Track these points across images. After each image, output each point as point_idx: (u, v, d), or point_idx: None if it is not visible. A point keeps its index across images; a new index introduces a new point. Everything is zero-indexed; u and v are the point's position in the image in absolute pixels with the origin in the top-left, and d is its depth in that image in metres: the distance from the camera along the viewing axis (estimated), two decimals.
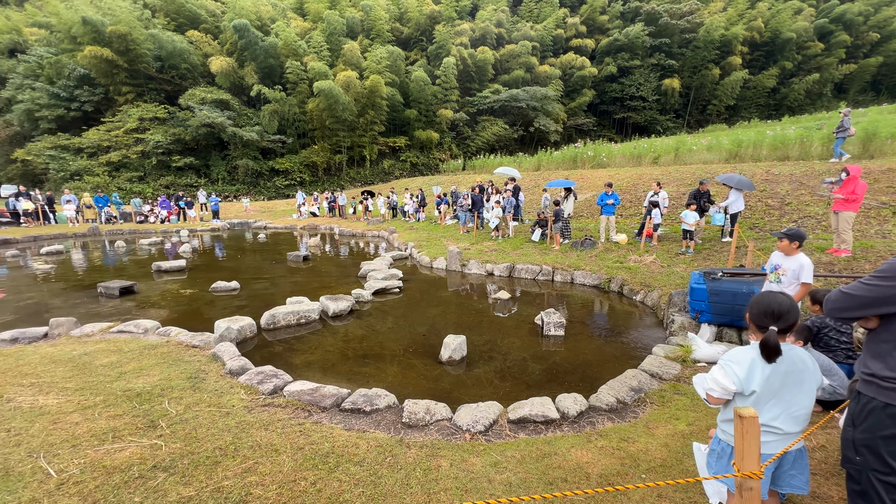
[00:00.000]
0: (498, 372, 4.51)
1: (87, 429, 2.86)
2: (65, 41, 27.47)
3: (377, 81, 29.12)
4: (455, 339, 4.76)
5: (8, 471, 2.37)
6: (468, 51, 36.02)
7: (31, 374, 3.78)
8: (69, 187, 23.24)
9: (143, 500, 2.20)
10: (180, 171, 27.43)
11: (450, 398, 3.74)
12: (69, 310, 6.60)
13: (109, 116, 27.09)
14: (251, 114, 29.41)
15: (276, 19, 31.34)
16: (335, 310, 6.28)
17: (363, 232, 16.38)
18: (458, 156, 35.16)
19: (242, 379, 3.86)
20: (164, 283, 8.49)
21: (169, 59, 28.01)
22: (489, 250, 10.67)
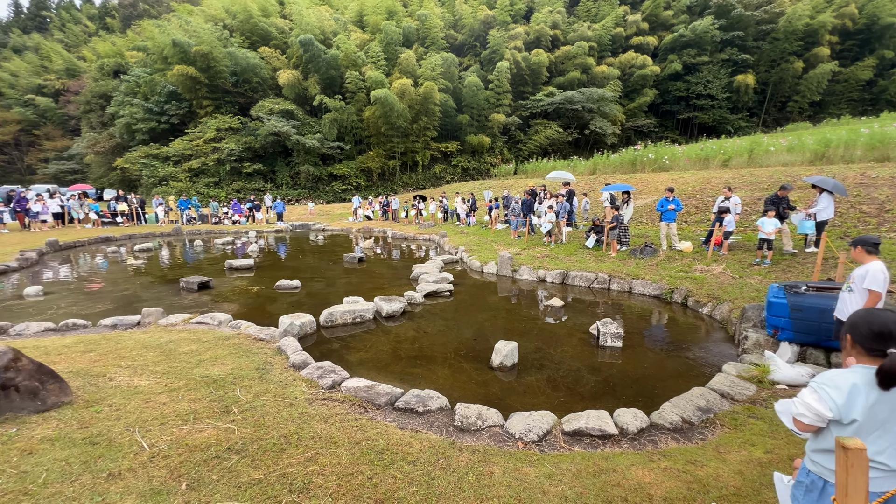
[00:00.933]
0: (550, 381, 4.40)
1: (172, 409, 3.17)
2: (158, 62, 30.87)
3: (431, 88, 29.70)
4: (506, 346, 4.71)
5: (111, 441, 2.69)
6: (522, 54, 35.68)
7: (127, 356, 4.27)
8: (157, 192, 26.00)
9: (220, 479, 2.40)
10: (250, 176, 29.67)
11: (501, 405, 3.71)
12: (156, 301, 7.36)
13: (192, 128, 29.98)
14: (313, 122, 31.18)
15: (337, 32, 33.03)
16: (388, 310, 6.46)
17: (415, 235, 16.72)
18: (509, 160, 34.86)
19: (304, 372, 4.08)
20: (235, 280, 9.21)
21: (243, 73, 30.49)
22: (541, 256, 10.45)
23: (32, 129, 42.32)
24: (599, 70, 37.44)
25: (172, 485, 2.33)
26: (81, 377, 3.64)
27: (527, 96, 36.74)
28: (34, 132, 42.27)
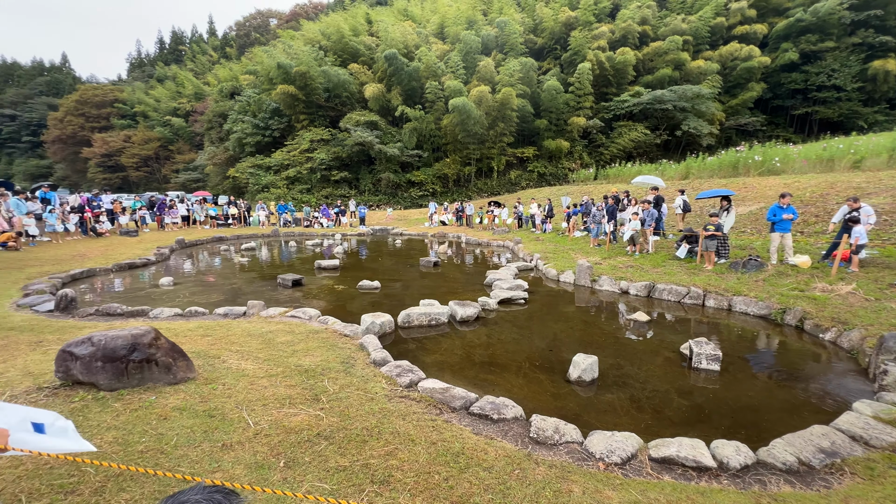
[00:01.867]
0: (634, 401, 4.10)
1: (272, 393, 3.54)
2: (265, 83, 34.88)
3: (509, 94, 29.60)
4: (586, 359, 4.49)
5: (224, 416, 3.08)
6: (606, 54, 34.00)
7: (236, 342, 4.85)
8: (260, 197, 29.24)
9: (311, 461, 2.62)
10: (337, 183, 32.07)
11: (579, 421, 3.54)
12: (258, 294, 8.26)
13: (290, 140, 33.30)
14: (394, 132, 32.81)
15: (419, 45, 34.45)
16: (463, 315, 6.53)
17: (488, 241, 16.72)
18: (589, 165, 33.31)
19: (383, 369, 4.29)
20: (323, 279, 10.00)
21: (334, 89, 33.17)
22: (624, 266, 9.81)
23: (168, 145, 50.29)
24: (695, 65, 34.28)
25: (272, 461, 2.60)
26: (202, 357, 4.22)
27: (610, 98, 34.87)
28: (169, 147, 50.18)
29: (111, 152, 50.72)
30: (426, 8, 42.30)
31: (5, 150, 66.94)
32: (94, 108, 56.47)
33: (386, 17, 38.87)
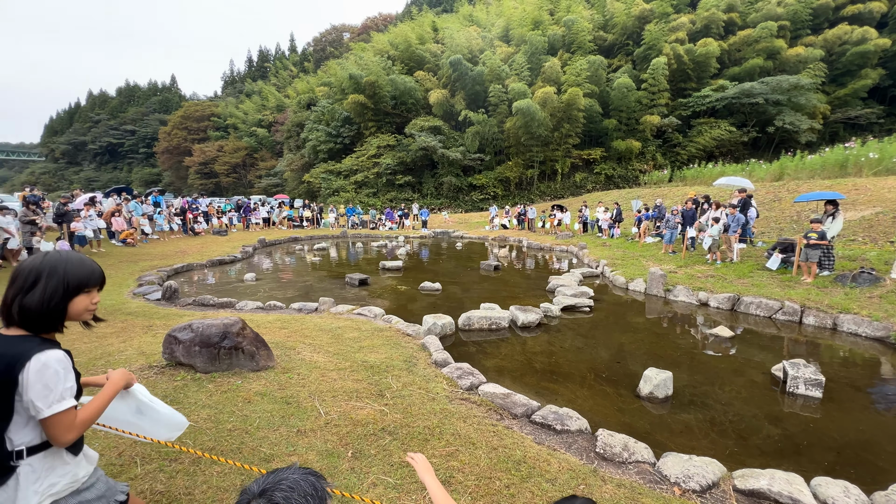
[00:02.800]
0: (714, 424, 3.74)
1: (341, 385, 3.74)
2: (337, 93, 37.16)
3: (575, 94, 28.63)
4: (659, 374, 4.19)
5: (299, 404, 3.32)
6: (684, 46, 31.58)
7: (309, 336, 5.20)
8: (331, 201, 31.13)
9: (377, 454, 2.73)
10: (401, 187, 33.18)
11: (650, 440, 3.31)
12: (328, 291, 8.79)
13: (359, 146, 35.11)
14: (457, 136, 33.21)
15: (483, 49, 34.59)
16: (524, 321, 6.41)
17: (551, 246, 16.25)
18: (663, 166, 31.10)
19: (444, 371, 4.35)
20: (387, 279, 10.38)
21: (401, 97, 34.41)
22: (703, 276, 9.01)
23: (253, 153, 55.46)
24: (792, 53, 30.65)
25: (341, 450, 2.75)
26: (279, 348, 4.58)
27: (689, 93, 32.32)
28: (254, 155, 55.32)
29: (207, 160, 57.14)
30: (491, 12, 42.38)
31: (126, 159, 78.24)
32: (195, 122, 64.01)
33: (451, 24, 39.56)
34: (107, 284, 6.12)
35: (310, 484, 0.84)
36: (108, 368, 3.76)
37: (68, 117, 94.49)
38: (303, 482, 0.84)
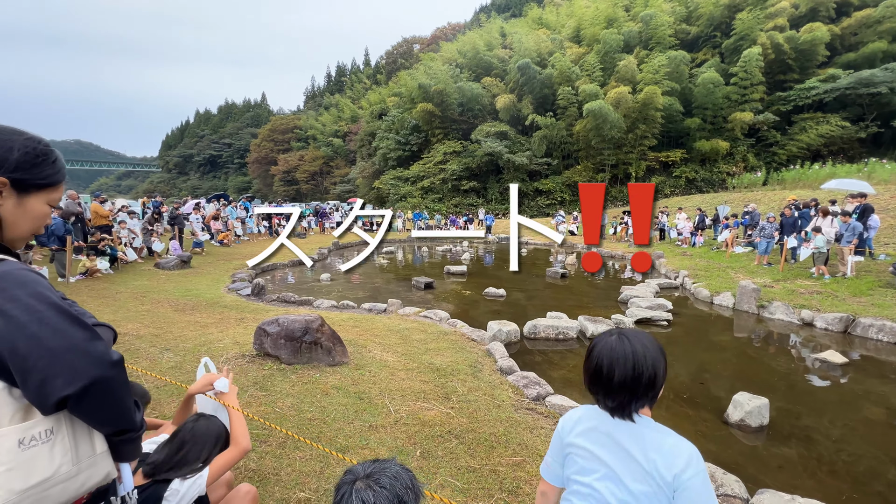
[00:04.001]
0: (822, 462, 3.28)
1: (409, 385, 3.87)
2: (407, 103, 38.56)
3: (652, 93, 26.86)
4: (752, 400, 3.77)
5: (371, 400, 3.49)
6: (784, 34, 28.23)
7: (378, 335, 5.44)
8: (399, 206, 32.29)
9: (444, 456, 2.78)
10: (466, 192, 33.47)
11: (742, 473, 2.98)
12: (395, 294, 9.12)
13: (426, 153, 36.08)
14: (523, 140, 32.77)
15: (553, 52, 33.80)
16: (593, 332, 6.13)
17: (623, 254, 15.35)
18: (756, 167, 27.97)
19: (510, 378, 4.30)
20: (451, 283, 10.52)
21: (468, 103, 34.81)
22: (807, 292, 7.94)
23: (329, 162, 59.47)
24: None
25: (410, 449, 2.84)
26: (352, 346, 4.85)
27: (789, 86, 28.83)
28: (330, 164, 59.29)
29: (289, 169, 62.39)
30: (561, 13, 41.35)
31: (223, 169, 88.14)
32: (280, 134, 70.27)
33: (520, 28, 39.24)
34: (207, 280, 6.89)
35: (410, 478, 0.90)
36: (210, 354, 4.26)
37: (180, 133, 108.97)
38: (404, 475, 0.89)
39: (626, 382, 1.07)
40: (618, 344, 1.11)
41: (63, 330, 0.86)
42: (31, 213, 0.97)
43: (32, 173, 0.95)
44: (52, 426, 0.90)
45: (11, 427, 0.85)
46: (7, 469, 0.83)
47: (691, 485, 1.01)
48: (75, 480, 0.92)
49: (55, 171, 1.00)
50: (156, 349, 4.46)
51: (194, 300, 7.30)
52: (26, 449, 0.85)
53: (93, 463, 0.95)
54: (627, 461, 1.07)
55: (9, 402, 0.86)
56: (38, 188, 0.97)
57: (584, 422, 1.19)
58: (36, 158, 0.95)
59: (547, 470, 1.27)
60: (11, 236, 0.97)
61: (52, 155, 0.99)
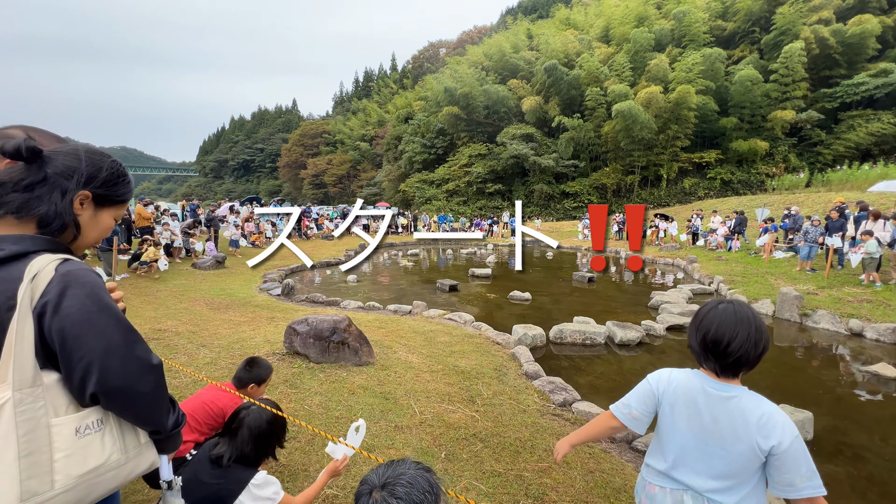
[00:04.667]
0: (873, 482, 3.07)
1: (433, 387, 3.88)
2: (433, 106, 38.87)
3: (686, 92, 25.99)
4: (794, 413, 3.56)
5: (396, 400, 3.53)
6: (830, 27, 26.74)
7: (403, 337, 5.49)
8: (424, 209, 32.51)
9: (468, 459, 2.77)
10: (491, 195, 33.36)
11: None
12: (420, 296, 9.17)
13: (451, 156, 36.21)
14: (550, 142, 32.37)
15: (581, 52, 33.28)
16: (623, 338, 5.97)
17: (654, 258, 14.89)
18: (798, 168, 26.58)
19: (535, 383, 4.25)
20: (476, 286, 10.49)
21: (493, 106, 34.73)
22: (855, 300, 7.46)
23: (357, 165, 60.60)
24: None
25: (435, 451, 2.85)
26: (378, 346, 4.91)
27: (835, 81, 27.27)
28: (357, 167, 60.41)
29: (318, 173, 63.96)
30: (590, 13, 40.68)
31: (256, 173, 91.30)
32: (310, 138, 72.18)
33: (547, 30, 38.89)
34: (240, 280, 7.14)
35: (426, 480, 0.88)
36: (243, 352, 4.42)
37: (216, 139, 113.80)
38: (420, 479, 0.88)
39: (745, 346, 1.20)
40: (739, 309, 1.24)
41: (106, 332, 0.93)
42: (100, 224, 1.09)
43: (112, 191, 1.07)
44: (101, 417, 0.95)
45: (68, 416, 0.90)
46: (66, 455, 0.88)
47: (789, 445, 1.15)
48: (125, 468, 0.98)
49: (128, 191, 1.12)
50: (193, 345, 4.67)
51: (228, 299, 7.59)
52: (82, 437, 0.91)
53: (139, 452, 1.01)
54: (720, 420, 1.22)
55: (63, 393, 0.92)
56: (112, 203, 1.09)
57: (682, 383, 1.33)
58: (118, 178, 1.08)
59: (625, 413, 1.43)
60: (82, 243, 1.06)
61: (128, 176, 1.12)
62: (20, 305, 0.87)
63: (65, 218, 0.99)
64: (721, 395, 1.24)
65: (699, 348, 1.29)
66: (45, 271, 0.90)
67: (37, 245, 0.94)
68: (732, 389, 1.24)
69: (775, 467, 1.18)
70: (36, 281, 0.89)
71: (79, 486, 0.89)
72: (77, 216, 1.01)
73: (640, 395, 1.41)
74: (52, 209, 0.96)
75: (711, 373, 1.28)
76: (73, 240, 1.03)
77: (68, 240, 1.02)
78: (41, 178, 0.96)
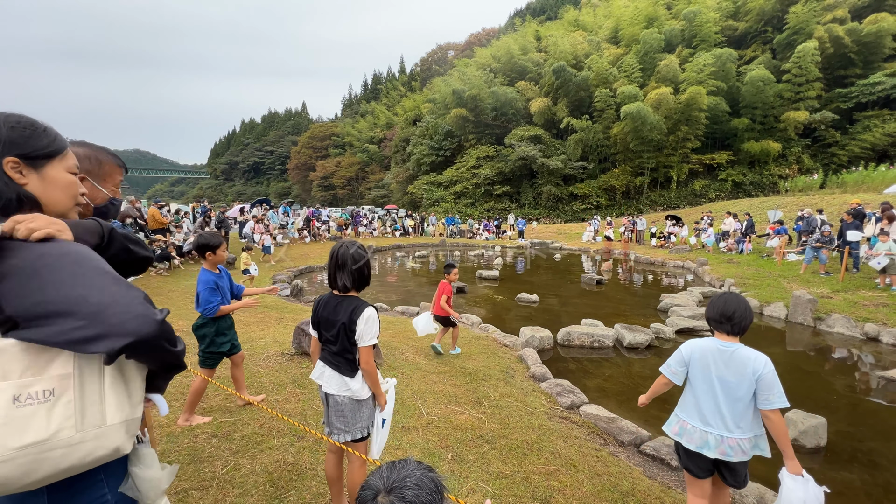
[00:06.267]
0: (889, 491, 3.00)
1: (440, 389, 3.89)
2: (441, 109, 38.95)
3: (696, 93, 25.73)
4: (807, 419, 3.51)
5: (403, 401, 3.54)
6: (845, 26, 26.29)
7: (411, 338, 5.51)
8: (432, 210, 32.58)
9: (475, 461, 2.77)
10: (499, 197, 33.31)
11: None
12: (427, 297, 9.15)
13: (459, 158, 36.24)
14: (558, 144, 32.24)
15: (589, 53, 33.13)
16: (631, 341, 5.92)
17: (663, 261, 14.74)
18: (812, 170, 26.14)
19: (543, 385, 4.23)
20: (483, 288, 10.48)
21: (501, 108, 34.71)
22: (871, 304, 7.31)
23: (365, 167, 60.99)
24: None
25: (441, 452, 2.85)
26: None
27: (850, 81, 26.81)
28: (366, 169, 60.79)
29: (327, 175, 64.47)
30: (598, 14, 40.51)
31: (266, 175, 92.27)
32: (319, 141, 72.82)
33: (555, 31, 38.77)
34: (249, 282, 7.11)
35: (431, 480, 0.87)
36: (252, 352, 4.48)
37: (226, 142, 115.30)
38: (426, 479, 0.86)
39: (744, 315, 1.99)
40: (738, 296, 2.06)
41: (107, 288, 0.88)
42: (56, 183, 1.00)
43: (32, 146, 0.96)
44: (53, 387, 0.85)
45: (9, 382, 0.82)
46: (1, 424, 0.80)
47: (765, 375, 1.88)
48: (78, 448, 0.86)
49: (50, 139, 1.00)
50: None
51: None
52: (21, 406, 0.82)
53: (100, 434, 0.89)
54: (728, 364, 1.97)
55: (20, 359, 0.84)
56: (46, 158, 0.98)
57: (702, 346, 2.06)
58: (26, 131, 0.96)
59: (670, 371, 2.15)
60: (55, 210, 1.00)
61: (37, 124, 0.99)
62: None
63: (6, 194, 0.92)
64: (728, 349, 1.98)
65: (718, 317, 2.02)
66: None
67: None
68: (734, 346, 1.98)
69: (760, 388, 1.89)
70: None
71: (17, 460, 0.80)
72: (24, 186, 0.94)
73: (676, 358, 2.14)
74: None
75: (723, 335, 2.02)
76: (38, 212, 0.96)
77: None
78: None
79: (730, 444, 1.93)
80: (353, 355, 1.96)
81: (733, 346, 1.97)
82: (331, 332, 1.97)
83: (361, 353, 1.94)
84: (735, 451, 1.92)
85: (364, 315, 1.92)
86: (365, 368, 1.96)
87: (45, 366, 0.86)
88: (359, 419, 1.99)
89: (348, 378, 1.95)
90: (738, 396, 1.91)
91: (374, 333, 1.96)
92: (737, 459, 1.94)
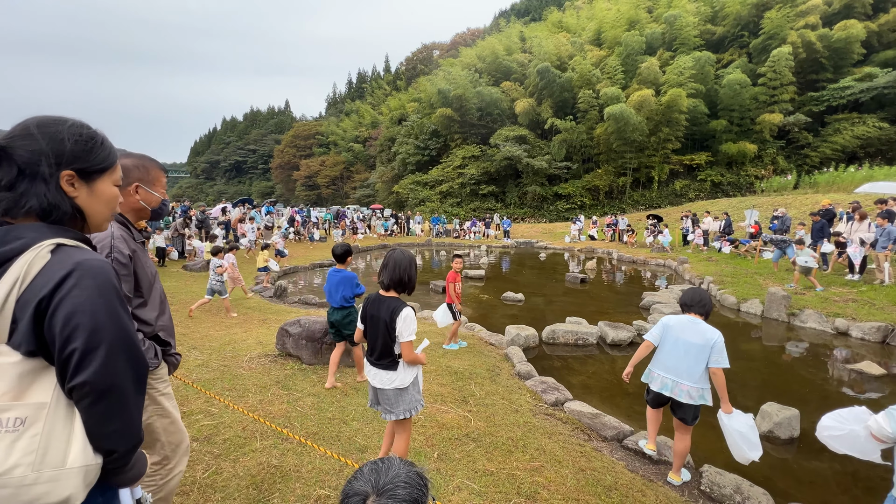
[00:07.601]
0: (858, 479, 3.13)
1: (426, 388, 3.88)
2: (426, 108, 38.89)
3: (677, 95, 26.30)
4: (781, 411, 3.63)
5: None
6: (817, 32, 27.23)
7: None
8: (418, 210, 32.50)
9: (461, 459, 2.78)
10: (484, 197, 33.42)
11: (770, 486, 2.88)
12: (413, 297, 9.16)
13: (445, 158, 36.23)
14: (543, 144, 32.53)
15: (573, 55, 33.52)
16: (614, 338, 6.03)
17: (645, 259, 15.03)
18: (786, 171, 26.98)
19: (528, 383, 4.27)
20: (469, 287, 10.51)
21: (486, 108, 34.84)
22: (841, 300, 7.60)
23: (350, 167, 60.42)
24: None
25: (427, 450, 2.86)
26: None
27: (822, 85, 27.77)
28: (350, 169, 60.23)
29: (311, 174, 63.65)
30: (582, 16, 41.05)
31: (248, 174, 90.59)
32: (302, 140, 71.85)
33: (539, 33, 39.15)
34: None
35: (417, 475, 0.86)
36: (235, 353, 4.40)
37: (207, 140, 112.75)
38: (413, 475, 0.85)
39: (704, 303, 2.85)
40: (701, 289, 2.94)
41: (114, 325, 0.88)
42: (103, 197, 1.02)
43: (90, 160, 0.97)
44: (26, 416, 0.79)
45: None
46: None
47: (717, 343, 2.67)
48: (27, 491, 0.77)
49: (107, 154, 1.02)
50: (183, 348, 4.63)
51: (220, 301, 7.53)
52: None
53: (56, 477, 0.80)
54: (692, 332, 2.74)
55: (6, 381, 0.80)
56: (100, 172, 1.00)
57: (678, 318, 2.85)
58: (87, 145, 0.97)
59: (653, 336, 2.92)
60: (95, 223, 1.02)
61: (98, 137, 1.01)
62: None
63: (62, 207, 0.92)
64: (695, 322, 2.78)
65: (690, 302, 2.89)
66: (40, 255, 0.85)
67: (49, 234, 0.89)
68: (699, 322, 2.77)
69: (713, 352, 2.65)
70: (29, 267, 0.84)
71: None
72: (74, 198, 0.95)
73: (658, 327, 2.92)
74: (44, 201, 0.90)
75: (694, 314, 2.84)
76: (81, 223, 0.98)
77: (78, 226, 0.98)
78: (16, 173, 0.89)
79: (682, 387, 2.70)
80: (392, 354, 2.24)
81: (699, 321, 2.77)
82: (373, 332, 2.27)
83: (403, 347, 2.20)
84: (684, 395, 2.68)
85: (402, 314, 2.18)
86: (407, 361, 2.24)
87: (26, 390, 0.82)
88: (401, 402, 2.29)
89: (392, 373, 2.26)
90: (693, 354, 2.66)
91: (412, 330, 2.20)
92: (685, 401, 2.69)
